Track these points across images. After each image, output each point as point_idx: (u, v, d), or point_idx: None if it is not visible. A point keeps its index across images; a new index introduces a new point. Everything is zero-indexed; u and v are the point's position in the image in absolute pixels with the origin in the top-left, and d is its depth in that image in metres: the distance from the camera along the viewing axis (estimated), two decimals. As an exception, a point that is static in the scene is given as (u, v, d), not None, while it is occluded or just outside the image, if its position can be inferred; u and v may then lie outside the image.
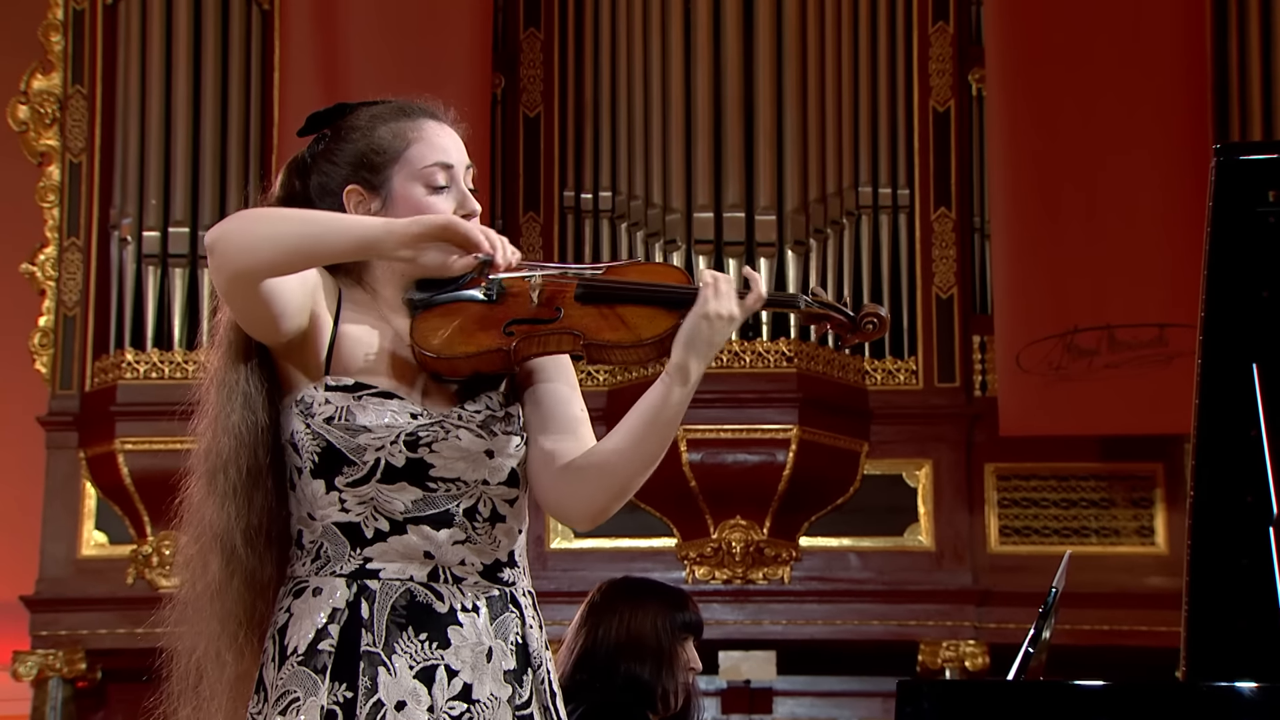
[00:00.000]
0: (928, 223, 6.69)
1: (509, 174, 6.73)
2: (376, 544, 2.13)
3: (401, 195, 2.19)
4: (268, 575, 2.18)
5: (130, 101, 6.60)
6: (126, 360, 6.41)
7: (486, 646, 2.14)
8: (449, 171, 2.22)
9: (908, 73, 6.73)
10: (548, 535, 6.42)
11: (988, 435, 6.46)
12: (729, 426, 6.33)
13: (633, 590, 3.19)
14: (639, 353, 2.15)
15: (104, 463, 6.44)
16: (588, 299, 2.18)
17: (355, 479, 2.13)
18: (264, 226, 2.06)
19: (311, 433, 2.14)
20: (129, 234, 6.54)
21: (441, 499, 2.15)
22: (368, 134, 2.22)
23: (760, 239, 6.53)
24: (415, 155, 2.21)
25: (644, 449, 2.13)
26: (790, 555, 6.44)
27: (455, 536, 2.14)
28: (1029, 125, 6.27)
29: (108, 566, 6.49)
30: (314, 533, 2.16)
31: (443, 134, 2.24)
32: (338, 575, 2.14)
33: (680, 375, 2.12)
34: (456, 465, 2.15)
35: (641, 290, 2.18)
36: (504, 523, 2.18)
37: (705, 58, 6.63)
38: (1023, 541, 6.50)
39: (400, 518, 2.13)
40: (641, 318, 2.16)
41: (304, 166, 2.26)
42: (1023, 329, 6.21)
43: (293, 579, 2.17)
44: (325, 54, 6.33)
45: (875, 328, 2.20)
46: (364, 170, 2.21)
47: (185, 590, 2.19)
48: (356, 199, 2.21)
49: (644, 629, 3.12)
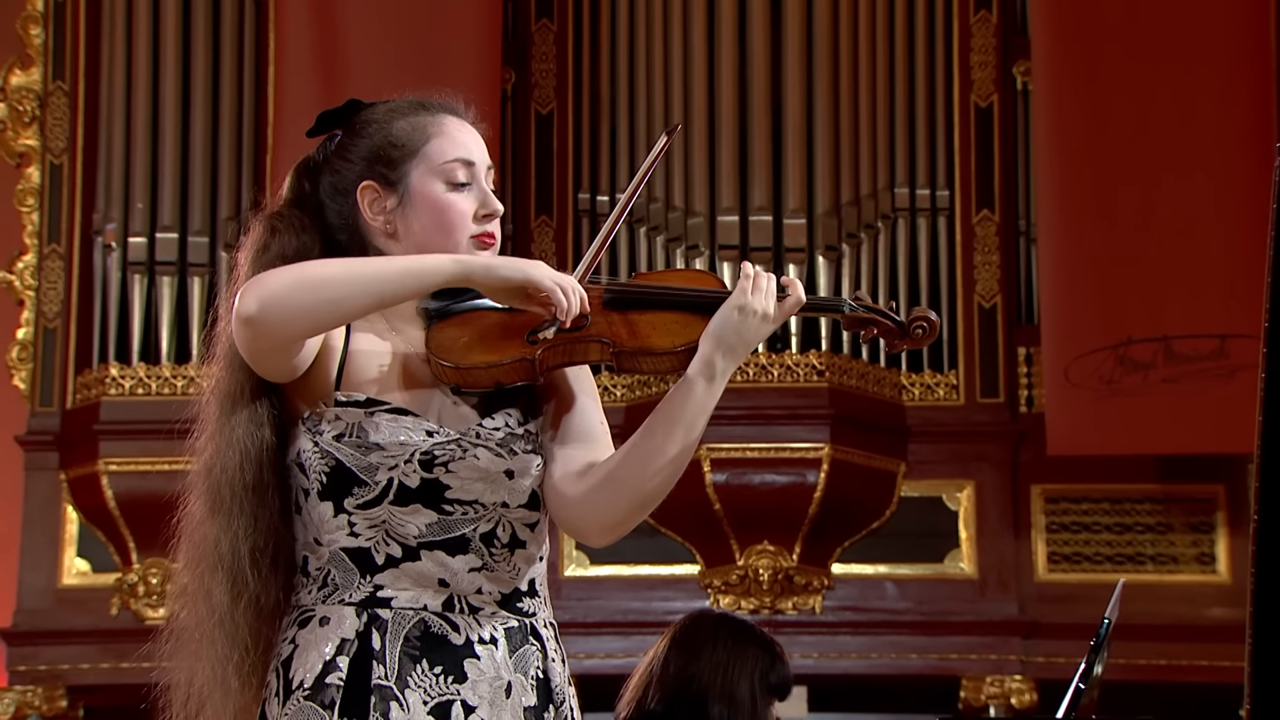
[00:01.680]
0: (969, 226, 6.69)
1: (520, 175, 6.75)
2: (388, 571, 2.14)
3: (420, 191, 2.21)
4: (273, 600, 2.18)
5: (115, 98, 6.63)
6: (111, 375, 6.44)
7: (505, 681, 2.15)
8: (470, 169, 2.23)
9: (948, 65, 6.74)
10: (562, 562, 6.43)
11: (1034, 455, 6.46)
12: (756, 445, 6.33)
13: (735, 633, 3.21)
14: (672, 360, 2.15)
15: (86, 485, 6.47)
16: (616, 305, 2.19)
17: (366, 500, 2.14)
18: (315, 292, 2.03)
19: (320, 451, 2.14)
20: (113, 240, 6.57)
21: (458, 523, 2.15)
22: (384, 127, 2.23)
23: (789, 244, 6.54)
24: (435, 150, 2.22)
25: (665, 453, 2.13)
26: (822, 584, 6.44)
27: (472, 563, 2.15)
28: (1078, 121, 6.28)
29: (90, 596, 6.51)
30: (320, 559, 2.17)
31: (464, 130, 2.26)
32: (346, 604, 2.14)
33: (706, 370, 2.12)
34: (474, 486, 2.15)
35: (674, 295, 2.19)
36: (524, 549, 2.19)
37: (730, 49, 6.64)
38: (1073, 569, 6.50)
39: (414, 543, 2.14)
40: (674, 324, 2.17)
41: (314, 167, 2.28)
42: (1072, 340, 6.21)
43: (298, 608, 2.18)
44: (323, 46, 6.36)
45: (925, 332, 2.20)
46: (380, 165, 2.22)
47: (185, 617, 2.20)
48: (371, 195, 2.22)
49: (741, 680, 3.15)
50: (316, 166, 2.28)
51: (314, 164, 2.29)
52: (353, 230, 2.24)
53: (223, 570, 2.16)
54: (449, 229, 2.21)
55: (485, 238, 2.23)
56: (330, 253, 2.25)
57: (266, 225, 2.25)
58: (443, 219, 2.21)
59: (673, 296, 2.19)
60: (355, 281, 2.06)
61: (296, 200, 2.28)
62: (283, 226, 2.24)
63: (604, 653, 6.27)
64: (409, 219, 2.22)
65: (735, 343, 2.13)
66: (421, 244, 2.21)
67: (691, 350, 2.14)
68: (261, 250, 2.23)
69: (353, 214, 2.24)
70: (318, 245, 2.24)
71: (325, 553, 2.17)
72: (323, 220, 2.25)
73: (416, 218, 2.21)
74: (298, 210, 2.26)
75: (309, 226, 2.24)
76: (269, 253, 2.22)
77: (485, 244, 2.23)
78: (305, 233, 2.24)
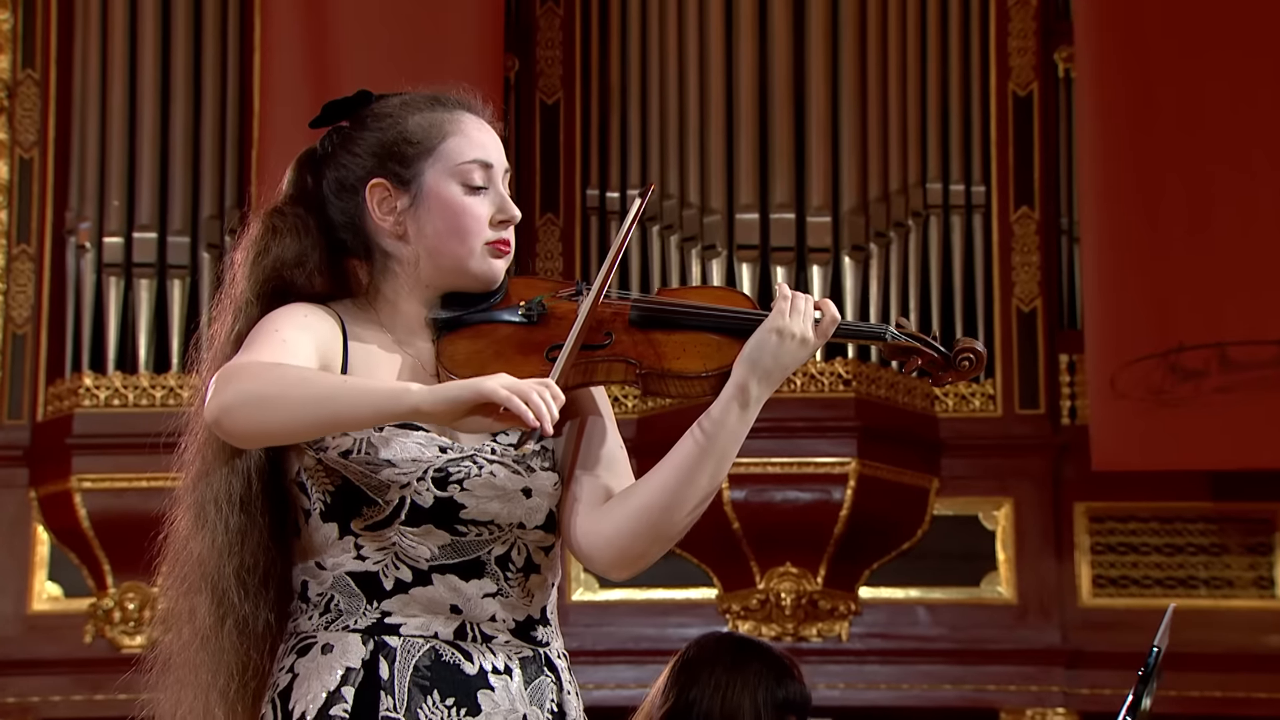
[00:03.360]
0: (1007, 224, 6.69)
1: (524, 170, 6.74)
2: (396, 596, 2.14)
3: (434, 192, 2.22)
4: (262, 623, 2.19)
5: (89, 87, 6.64)
6: (85, 385, 6.45)
7: (520, 714, 2.16)
8: (488, 171, 2.24)
9: (984, 51, 6.74)
10: (569, 585, 6.43)
11: (1078, 470, 6.46)
12: (777, 460, 6.34)
13: (734, 652, 3.19)
14: (701, 385, 2.17)
15: (58, 503, 6.47)
16: (643, 323, 2.20)
17: (375, 522, 2.14)
18: (270, 407, 2.02)
19: (324, 469, 2.15)
20: (87, 240, 6.57)
21: (472, 545, 2.16)
22: (399, 121, 2.24)
23: (813, 244, 6.55)
24: (452, 149, 2.23)
25: (695, 486, 2.14)
26: (849, 609, 6.44)
27: (486, 589, 2.16)
28: (1125, 110, 6.27)
29: (62, 623, 6.51)
30: (323, 584, 2.17)
31: (482, 130, 2.27)
32: (352, 630, 2.15)
33: (740, 397, 2.14)
34: (490, 506, 2.16)
35: (705, 314, 2.20)
36: (538, 573, 2.20)
37: (749, 32, 6.65)
38: (1119, 593, 6.49)
39: (425, 566, 2.14)
40: (705, 346, 2.18)
41: (318, 160, 2.28)
42: (1118, 347, 6.20)
43: (296, 634, 2.18)
44: (313, 33, 6.36)
45: (971, 365, 2.23)
46: (392, 162, 2.23)
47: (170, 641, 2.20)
48: (381, 194, 2.23)
49: (743, 700, 3.13)
50: (321, 159, 2.28)
51: (318, 156, 2.29)
52: (357, 229, 2.25)
53: (207, 589, 2.17)
54: (463, 234, 2.22)
55: (500, 245, 2.24)
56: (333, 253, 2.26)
57: (266, 224, 2.26)
58: (457, 223, 2.22)
59: (704, 316, 2.20)
60: (307, 395, 2.04)
61: (298, 195, 2.28)
62: (283, 226, 2.25)
63: (614, 682, 6.27)
64: (421, 221, 2.23)
65: (772, 367, 2.16)
66: (433, 248, 2.22)
67: (724, 375, 2.16)
68: (261, 253, 2.24)
69: (359, 212, 2.25)
70: (318, 248, 2.25)
71: (329, 577, 2.17)
72: (325, 217, 2.26)
73: (430, 220, 2.23)
74: (299, 207, 2.27)
75: (310, 226, 2.25)
76: (268, 255, 2.24)
77: (501, 251, 2.25)
78: (306, 234, 2.25)
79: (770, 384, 2.16)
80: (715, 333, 2.19)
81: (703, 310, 2.21)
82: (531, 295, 2.25)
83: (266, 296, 2.23)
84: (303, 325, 2.18)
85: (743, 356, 2.16)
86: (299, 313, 2.21)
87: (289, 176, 2.31)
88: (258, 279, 2.24)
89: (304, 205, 2.27)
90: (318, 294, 2.26)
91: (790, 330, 2.16)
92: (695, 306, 2.22)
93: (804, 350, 2.17)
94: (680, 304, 2.22)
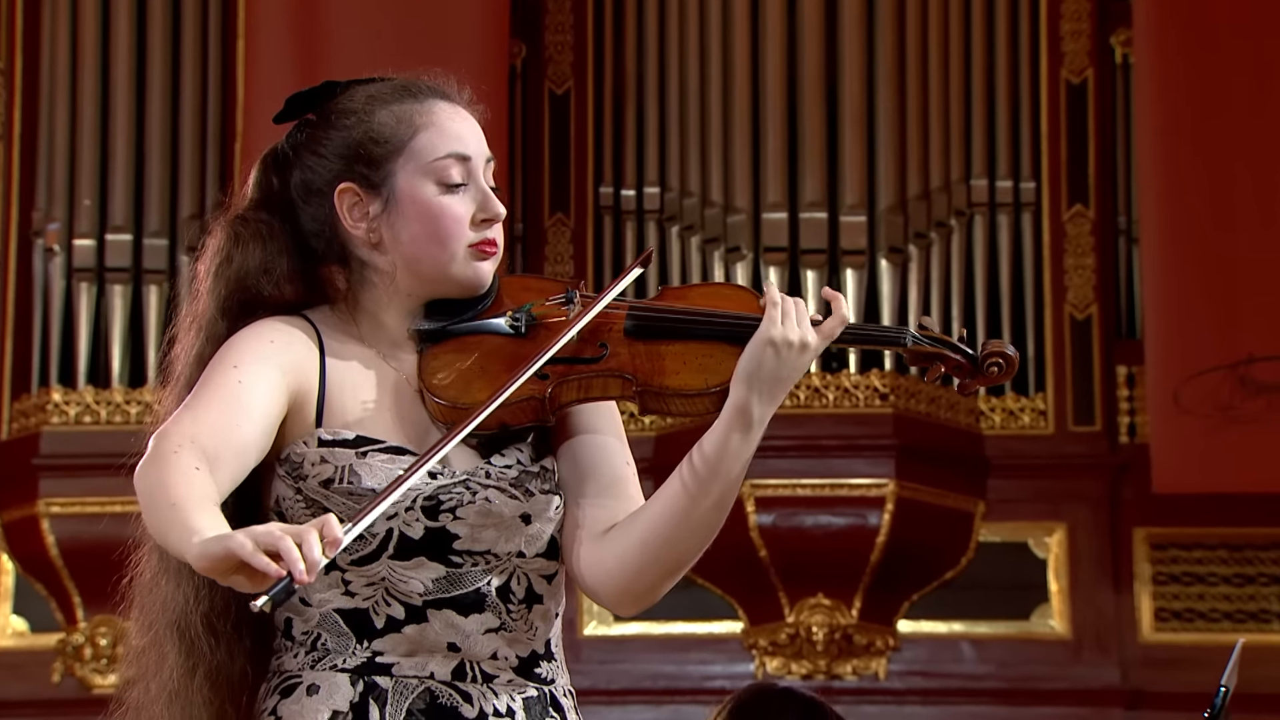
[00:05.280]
0: (1059, 224, 6.69)
1: (531, 165, 6.76)
2: (389, 635, 2.14)
3: (408, 195, 2.20)
4: (238, 671, 2.18)
5: (58, 79, 6.65)
6: (53, 401, 6.45)
7: (523, 760, 2.16)
8: (465, 165, 2.22)
9: (1034, 35, 6.74)
10: (580, 619, 6.45)
11: (1137, 492, 6.45)
12: (808, 481, 6.34)
13: (766, 706, 3.18)
14: (705, 402, 2.16)
15: (24, 530, 6.48)
16: (640, 333, 2.19)
17: (361, 555, 2.13)
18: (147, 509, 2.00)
19: (304, 499, 2.15)
20: (56, 243, 6.59)
21: (469, 576, 2.16)
22: (365, 119, 2.23)
23: (846, 245, 6.55)
24: (424, 145, 2.22)
25: (699, 512, 2.13)
26: (886, 644, 6.44)
27: (487, 623, 2.16)
28: (1189, 98, 6.27)
29: (29, 660, 6.52)
30: (309, 622, 2.17)
31: (457, 118, 2.25)
32: (340, 670, 2.14)
33: (740, 419, 2.12)
34: (486, 534, 2.15)
35: (709, 322, 2.18)
36: (540, 604, 2.19)
37: (777, 16, 6.65)
38: (1184, 628, 6.49)
39: (419, 601, 2.14)
40: (708, 357, 2.16)
41: (283, 160, 2.27)
42: (1182, 358, 6.20)
43: (279, 674, 2.18)
44: (301, 16, 6.37)
45: (1001, 370, 2.22)
46: (360, 164, 2.21)
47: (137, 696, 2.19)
48: (351, 199, 2.22)
49: None
50: (286, 160, 2.27)
51: (283, 156, 2.28)
52: (330, 237, 2.24)
53: (174, 637, 2.16)
54: (443, 238, 2.21)
55: (485, 246, 2.23)
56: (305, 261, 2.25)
57: (229, 231, 2.25)
58: (435, 226, 2.21)
59: (707, 324, 2.18)
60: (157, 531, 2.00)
61: (263, 199, 2.27)
62: (247, 234, 2.24)
63: (630, 725, 6.29)
64: (396, 227, 2.21)
65: (772, 385, 2.14)
66: (411, 256, 2.21)
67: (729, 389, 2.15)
68: (224, 262, 2.23)
69: (330, 218, 2.24)
70: (286, 255, 2.24)
71: (315, 614, 2.17)
72: (294, 222, 2.25)
73: (405, 226, 2.21)
74: (264, 212, 2.26)
75: (277, 232, 2.24)
76: (231, 265, 2.23)
77: (486, 253, 2.23)
78: (272, 240, 2.24)
79: (774, 400, 2.14)
80: (720, 341, 2.17)
81: (706, 316, 2.19)
82: (524, 300, 2.23)
83: (233, 311, 2.22)
84: (265, 356, 2.15)
85: (738, 375, 2.13)
86: (265, 336, 2.18)
87: (253, 178, 2.29)
88: (221, 292, 2.22)
89: (270, 210, 2.26)
90: (288, 303, 2.24)
91: (786, 338, 2.13)
92: (697, 313, 2.20)
93: (806, 356, 2.14)
94: (681, 311, 2.20)
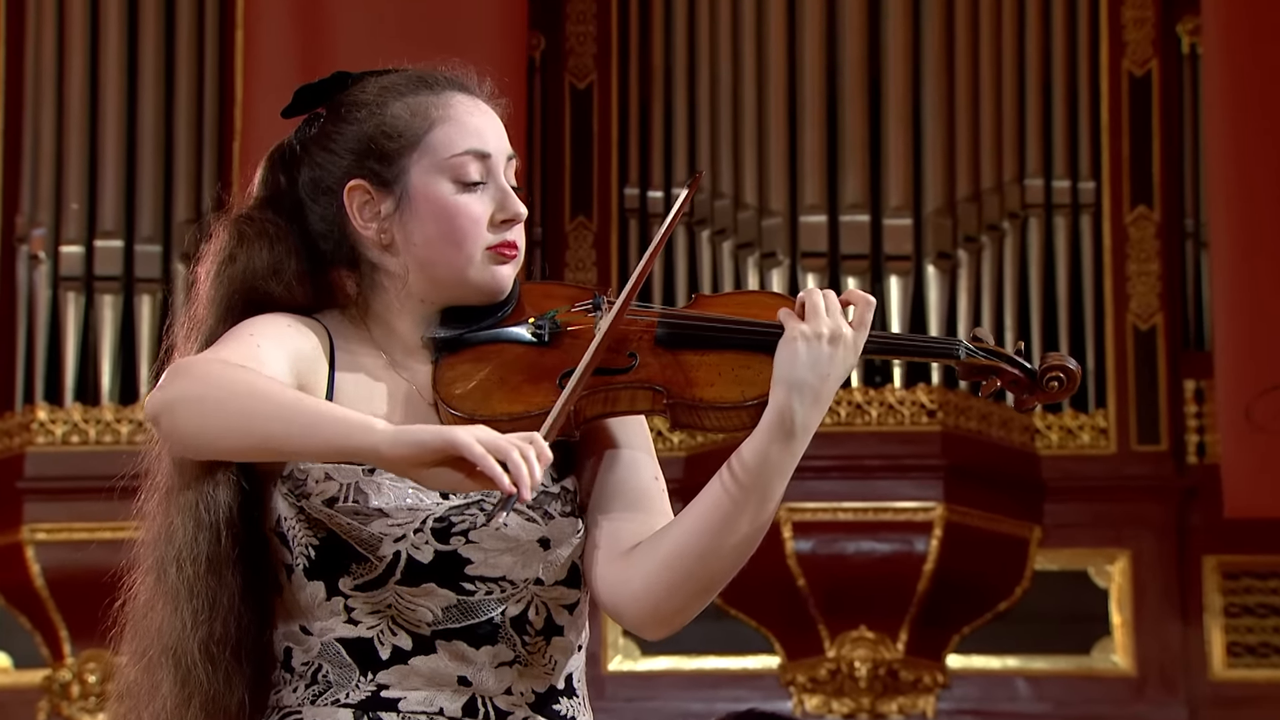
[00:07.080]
0: (1121, 227, 6.68)
1: (552, 164, 6.78)
2: (395, 667, 2.14)
3: (422, 193, 2.21)
4: (236, 702, 2.18)
5: (44, 77, 6.68)
6: (38, 419, 6.48)
7: (540, 804, 2.17)
8: (485, 162, 2.23)
9: (1093, 25, 6.75)
10: (605, 652, 6.46)
11: (1207, 517, 6.45)
12: (850, 504, 6.34)
13: None
14: (741, 415, 2.15)
15: (7, 558, 6.50)
16: (672, 342, 2.19)
17: (366, 580, 2.14)
18: (211, 412, 2.03)
19: (307, 519, 2.15)
20: (41, 249, 6.62)
21: (482, 605, 2.16)
22: (377, 112, 2.24)
23: (890, 250, 6.56)
24: (440, 140, 2.22)
25: (735, 530, 2.13)
26: (935, 681, 6.44)
27: (501, 656, 2.15)
28: (1261, 93, 6.27)
29: (12, 699, 6.55)
30: (309, 651, 2.17)
31: (476, 112, 2.26)
32: (342, 705, 2.15)
33: (780, 426, 2.11)
34: (502, 560, 2.15)
35: (747, 331, 2.18)
36: (560, 636, 2.19)
37: (816, 3, 6.65)
38: (1258, 664, 6.48)
39: (427, 631, 2.14)
40: (745, 368, 2.16)
41: (292, 156, 2.28)
42: (1255, 371, 6.19)
43: (279, 709, 2.18)
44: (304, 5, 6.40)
45: (1062, 385, 2.22)
46: (372, 160, 2.22)
47: None
48: (361, 198, 2.23)
49: None
50: (294, 156, 2.28)
51: (290, 153, 2.29)
52: (340, 238, 2.25)
53: (169, 664, 2.16)
54: (459, 240, 2.21)
55: (504, 248, 2.23)
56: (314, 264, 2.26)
57: (233, 231, 2.26)
58: (450, 227, 2.21)
59: (744, 333, 2.18)
60: (257, 408, 2.03)
61: (270, 198, 2.28)
62: (252, 233, 2.25)
63: (658, 768, 6.30)
64: (409, 228, 2.22)
65: (815, 382, 2.12)
66: (425, 258, 2.22)
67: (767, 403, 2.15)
68: (227, 261, 2.24)
69: (339, 218, 2.25)
70: (294, 257, 2.25)
71: (316, 644, 2.17)
72: (303, 223, 2.26)
73: (419, 227, 2.22)
74: (270, 212, 2.27)
75: (284, 233, 2.25)
76: (235, 264, 2.23)
77: (505, 256, 2.23)
78: (279, 241, 2.24)
79: (817, 403, 2.13)
80: (758, 352, 2.16)
81: (741, 326, 2.19)
82: (547, 307, 2.24)
83: (235, 313, 2.22)
84: (281, 338, 2.18)
85: (777, 378, 2.12)
86: (281, 322, 2.21)
87: (259, 176, 2.30)
88: (224, 292, 2.23)
89: (277, 210, 2.27)
90: (300, 306, 2.25)
91: (819, 330, 2.12)
92: (731, 321, 2.20)
93: (846, 350, 2.13)
94: (714, 319, 2.20)
